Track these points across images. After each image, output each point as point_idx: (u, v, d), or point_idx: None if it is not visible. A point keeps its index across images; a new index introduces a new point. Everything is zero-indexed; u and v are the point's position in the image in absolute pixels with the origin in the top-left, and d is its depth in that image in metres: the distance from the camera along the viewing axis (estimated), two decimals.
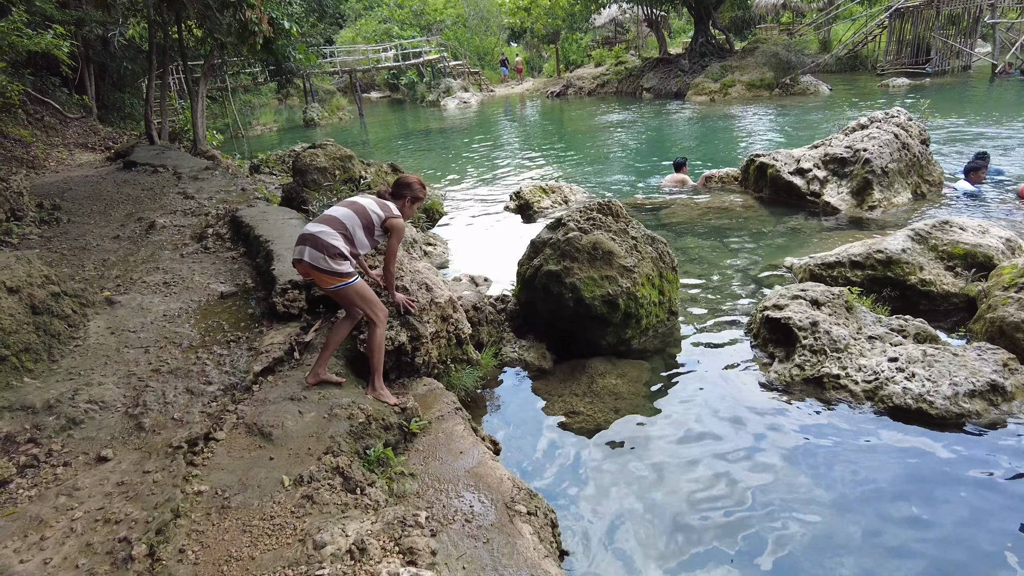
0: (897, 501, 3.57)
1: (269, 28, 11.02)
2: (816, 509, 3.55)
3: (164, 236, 6.87)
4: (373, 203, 3.81)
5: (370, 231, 3.76)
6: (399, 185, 4.00)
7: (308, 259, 3.56)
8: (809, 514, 3.51)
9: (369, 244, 3.81)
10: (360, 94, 28.98)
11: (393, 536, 2.51)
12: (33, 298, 4.07)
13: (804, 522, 3.46)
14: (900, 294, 5.77)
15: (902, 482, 3.71)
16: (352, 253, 3.68)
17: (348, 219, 3.69)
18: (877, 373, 4.50)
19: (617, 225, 5.47)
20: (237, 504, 2.74)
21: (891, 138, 8.62)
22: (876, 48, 23.99)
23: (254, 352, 4.10)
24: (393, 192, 4.00)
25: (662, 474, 3.95)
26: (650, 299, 5.30)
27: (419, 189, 4.01)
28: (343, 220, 3.68)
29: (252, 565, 2.40)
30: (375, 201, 3.84)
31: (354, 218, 3.70)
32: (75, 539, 2.52)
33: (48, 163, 12.28)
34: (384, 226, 3.80)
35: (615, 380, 4.92)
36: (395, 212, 3.82)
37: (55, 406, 3.40)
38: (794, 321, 4.94)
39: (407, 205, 3.98)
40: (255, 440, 3.25)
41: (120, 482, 2.86)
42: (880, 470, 3.82)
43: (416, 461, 3.49)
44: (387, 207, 3.82)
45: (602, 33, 35.17)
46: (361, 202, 3.80)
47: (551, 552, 3.01)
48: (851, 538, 3.33)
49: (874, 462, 3.89)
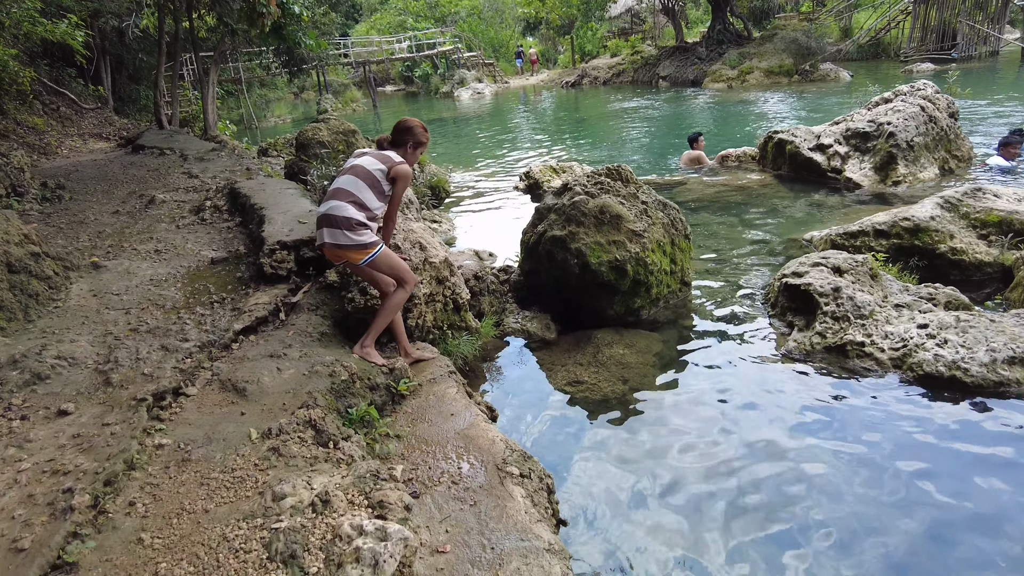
0: (929, 475, 3.23)
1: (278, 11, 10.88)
2: (839, 484, 3.22)
3: (163, 210, 6.70)
4: (373, 160, 3.56)
5: (377, 189, 3.51)
6: (398, 131, 3.70)
7: (329, 239, 3.40)
8: (832, 490, 3.19)
9: (381, 203, 3.56)
10: (374, 87, 28.89)
11: (363, 490, 2.26)
12: (9, 255, 3.89)
13: (826, 499, 3.13)
14: (928, 264, 5.40)
15: (933, 454, 3.38)
16: (369, 218, 3.47)
17: (353, 185, 3.46)
18: (905, 340, 4.16)
19: (627, 190, 5.18)
20: (198, 457, 2.51)
21: (917, 111, 8.21)
22: (899, 35, 23.33)
23: (237, 312, 3.88)
24: (393, 140, 3.71)
25: (672, 446, 3.65)
26: (661, 267, 5.00)
27: (421, 133, 3.71)
28: (348, 188, 3.46)
29: (204, 518, 2.16)
30: (374, 156, 3.58)
31: (357, 182, 3.47)
32: (17, 490, 2.30)
33: (60, 150, 12.26)
34: (389, 177, 3.54)
35: (623, 350, 4.63)
36: (398, 160, 3.56)
37: (20, 361, 3.20)
38: (815, 287, 4.61)
39: (409, 152, 3.68)
40: (228, 396, 3.02)
41: (76, 434, 2.65)
42: (909, 442, 3.48)
43: (403, 423, 3.24)
44: (388, 157, 3.56)
45: (618, 24, 34.69)
46: (360, 163, 3.56)
47: (545, 517, 2.74)
48: (878, 516, 3.01)
49: (903, 434, 3.55)
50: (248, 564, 1.94)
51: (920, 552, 2.79)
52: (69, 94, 14.52)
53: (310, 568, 1.87)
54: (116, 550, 2.05)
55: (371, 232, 3.47)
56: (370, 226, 3.48)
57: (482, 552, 2.39)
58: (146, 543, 2.07)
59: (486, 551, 2.40)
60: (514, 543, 2.45)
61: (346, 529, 1.94)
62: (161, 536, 2.11)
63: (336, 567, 1.85)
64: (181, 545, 2.06)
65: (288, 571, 1.87)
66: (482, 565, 2.34)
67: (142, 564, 1.99)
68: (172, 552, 2.03)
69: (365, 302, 3.82)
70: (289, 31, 12.33)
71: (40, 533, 2.07)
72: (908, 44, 22.13)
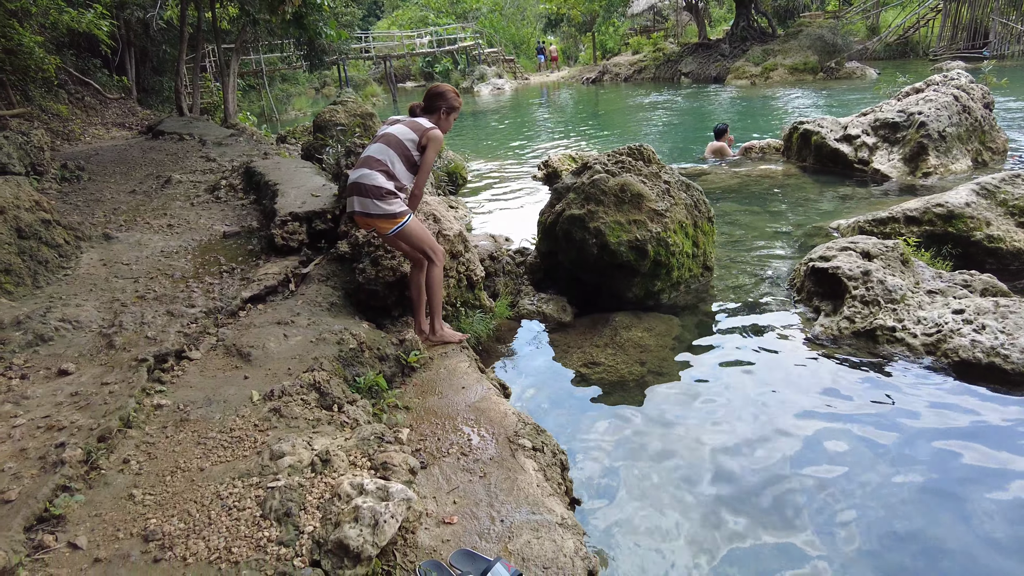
0: (965, 464, 3.03)
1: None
2: (867, 472, 3.04)
3: (178, 190, 6.67)
4: (404, 128, 3.44)
5: (408, 159, 3.41)
6: (431, 97, 3.58)
7: (359, 208, 3.33)
8: (859, 479, 3.00)
9: (411, 174, 3.46)
10: (394, 82, 28.91)
11: (366, 452, 2.14)
12: (19, 220, 3.84)
13: (853, 487, 2.94)
14: (963, 251, 5.17)
15: (969, 443, 3.17)
16: (398, 188, 3.38)
17: (383, 153, 3.37)
18: (940, 325, 3.95)
19: (648, 169, 5.02)
20: (196, 417, 2.41)
21: (950, 100, 7.93)
22: (928, 33, 22.80)
23: (246, 282, 3.79)
24: (426, 106, 3.58)
25: (692, 430, 3.48)
26: (682, 248, 4.83)
27: (453, 98, 3.59)
28: (378, 156, 3.36)
29: (199, 476, 2.06)
30: (406, 124, 3.46)
31: (387, 150, 3.37)
32: (10, 444, 2.21)
33: (83, 137, 12.36)
34: (420, 144, 3.42)
35: (641, 333, 4.47)
36: (429, 125, 3.43)
37: (24, 322, 3.13)
38: (843, 271, 4.41)
39: (443, 118, 3.56)
40: (232, 360, 2.92)
41: (74, 393, 2.56)
42: (943, 430, 3.28)
43: (412, 395, 3.12)
44: (419, 124, 3.44)
45: (640, 21, 34.37)
46: (391, 131, 3.45)
47: (558, 492, 2.60)
48: (910, 507, 2.82)
49: (936, 421, 3.35)
50: (240, 521, 1.83)
51: (954, 545, 2.60)
52: (94, 84, 14.65)
53: (305, 527, 1.75)
54: (105, 505, 1.95)
55: (400, 202, 3.36)
56: (399, 196, 3.38)
57: (491, 524, 2.27)
58: (137, 499, 1.97)
59: (495, 523, 2.27)
60: (524, 516, 2.32)
61: (346, 488, 1.82)
62: (153, 493, 2.00)
63: (333, 526, 1.73)
64: (173, 502, 1.95)
65: (282, 529, 1.76)
66: (490, 537, 2.21)
67: (131, 519, 1.89)
68: (163, 508, 1.93)
69: (376, 273, 3.71)
70: (310, 20, 12.32)
71: (28, 485, 1.98)
72: (938, 42, 21.62)
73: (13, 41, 10.38)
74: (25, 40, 10.47)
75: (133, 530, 1.85)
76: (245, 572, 1.65)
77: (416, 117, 3.53)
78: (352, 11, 18.64)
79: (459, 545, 2.14)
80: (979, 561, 2.51)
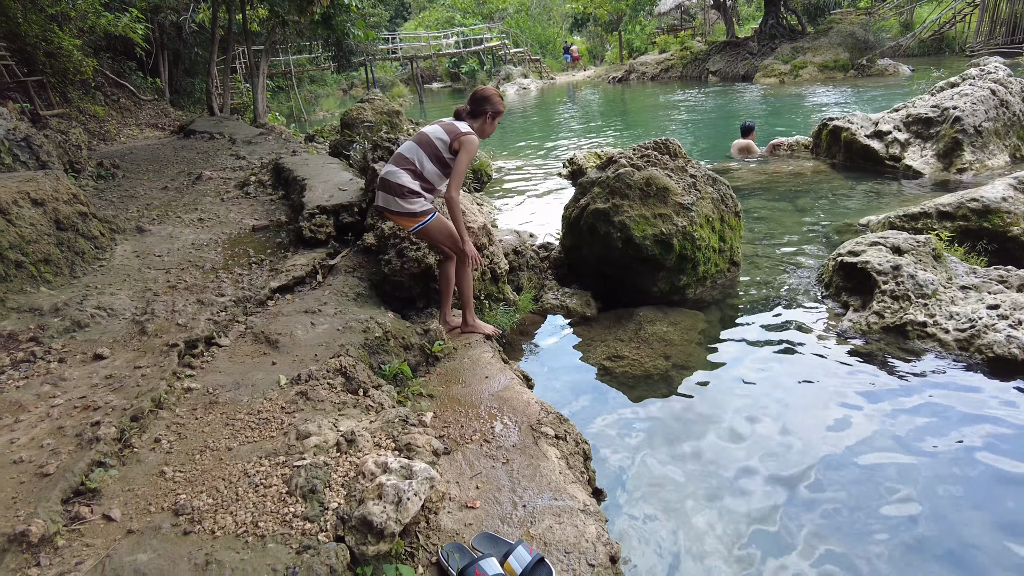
0: (998, 463, 2.95)
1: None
2: (899, 471, 2.96)
3: (209, 186, 6.82)
4: (439, 128, 3.43)
5: (438, 159, 3.40)
6: (475, 100, 3.54)
7: (382, 203, 3.39)
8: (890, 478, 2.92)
9: (441, 173, 3.44)
10: (421, 83, 29.11)
11: (391, 433, 2.16)
12: (58, 212, 3.96)
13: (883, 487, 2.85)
14: (999, 247, 5.03)
15: (1004, 441, 3.09)
16: (424, 188, 3.39)
17: (412, 152, 3.39)
18: (973, 321, 3.85)
19: (674, 163, 4.98)
20: (225, 400, 2.46)
21: (987, 94, 7.72)
22: (965, 28, 22.20)
23: (275, 272, 3.85)
24: (471, 110, 3.55)
25: (717, 425, 3.44)
26: (709, 243, 4.78)
27: (498, 101, 3.56)
28: (407, 155, 3.39)
29: (227, 455, 2.10)
30: (442, 126, 3.45)
31: (417, 149, 3.38)
32: (48, 423, 2.29)
33: (119, 138, 12.68)
34: (452, 147, 3.39)
35: (666, 328, 4.44)
36: (465, 130, 3.38)
37: (62, 309, 3.23)
38: (872, 265, 4.33)
39: (488, 122, 3.54)
40: (260, 347, 2.98)
41: (108, 375, 2.64)
42: (977, 428, 3.19)
43: (436, 384, 3.14)
44: (454, 128, 3.40)
45: (667, 20, 34.11)
46: (425, 130, 3.46)
47: (580, 480, 2.60)
48: (941, 505, 2.75)
49: (970, 419, 3.26)
50: (267, 498, 1.86)
51: (986, 548, 2.53)
52: (129, 86, 15.03)
53: (330, 503, 1.78)
54: (138, 480, 2.00)
55: (424, 200, 3.37)
56: (423, 195, 3.38)
57: (513, 509, 2.27)
58: (167, 476, 2.02)
59: (517, 508, 2.28)
60: (546, 502, 2.32)
61: (370, 466, 1.85)
62: (183, 470, 2.05)
63: (357, 503, 1.75)
64: (202, 479, 2.00)
65: (307, 505, 1.79)
66: (512, 522, 2.21)
67: (162, 494, 1.94)
68: (192, 485, 1.97)
69: (401, 265, 3.74)
70: (338, 21, 12.49)
71: (66, 460, 2.04)
72: (975, 38, 21.05)
73: (53, 44, 10.71)
74: (65, 43, 10.79)
75: (164, 504, 1.89)
76: (271, 545, 1.68)
77: (460, 120, 3.51)
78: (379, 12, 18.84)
79: (481, 529, 2.15)
80: (1012, 561, 2.45)
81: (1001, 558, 2.47)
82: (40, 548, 1.72)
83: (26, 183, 3.89)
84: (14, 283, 3.44)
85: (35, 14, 10.37)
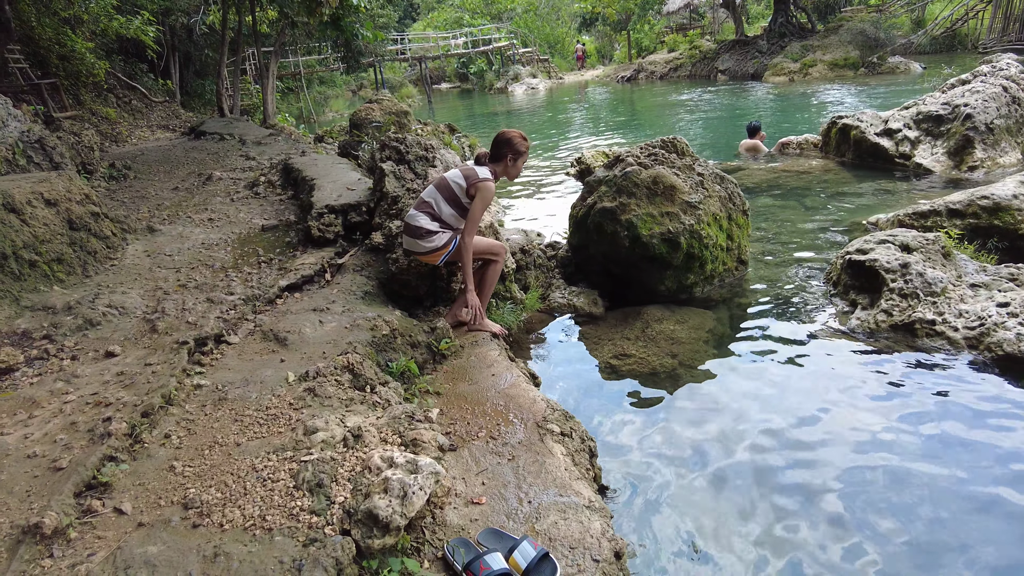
0: (1008, 462, 2.93)
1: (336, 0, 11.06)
2: (906, 471, 2.93)
3: (219, 187, 6.87)
4: (457, 173, 3.57)
5: (455, 202, 3.54)
6: (496, 144, 3.63)
7: (408, 247, 3.62)
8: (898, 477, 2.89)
9: (457, 215, 3.58)
10: (429, 84, 29.20)
11: (397, 429, 2.18)
12: (71, 212, 4.02)
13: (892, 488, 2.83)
14: (1009, 245, 5.00)
15: (1014, 439, 3.07)
16: (444, 227, 3.57)
17: (431, 195, 3.56)
18: (983, 319, 3.83)
19: (681, 161, 4.98)
20: (234, 397, 2.49)
21: (999, 91, 7.66)
22: (978, 25, 21.99)
23: (283, 271, 3.89)
24: (492, 155, 3.64)
25: (725, 423, 3.43)
26: (716, 241, 4.77)
27: (520, 143, 3.62)
28: (427, 198, 3.57)
29: (236, 451, 2.13)
30: (461, 170, 3.57)
31: (435, 193, 3.55)
32: (61, 418, 2.32)
33: (130, 139, 12.80)
34: (469, 193, 3.52)
35: (673, 326, 4.44)
36: (482, 176, 3.48)
37: (74, 308, 3.28)
38: (880, 263, 4.31)
39: (510, 165, 3.61)
40: (269, 345, 3.01)
41: (120, 372, 2.68)
42: (987, 426, 3.17)
43: (443, 381, 3.16)
44: (472, 173, 3.51)
45: (675, 20, 34.02)
46: (446, 175, 3.60)
47: (586, 477, 2.61)
48: (950, 506, 2.73)
49: (979, 417, 3.24)
50: (275, 492, 1.89)
51: (990, 547, 2.52)
52: (140, 88, 15.17)
53: (336, 497, 1.80)
54: (148, 475, 2.04)
55: (441, 234, 3.53)
56: (440, 231, 3.54)
57: (518, 505, 2.29)
58: (177, 470, 2.05)
59: (523, 504, 2.29)
60: (552, 498, 2.33)
61: (376, 461, 1.87)
62: (192, 465, 2.08)
63: (363, 497, 1.77)
64: (211, 474, 2.03)
65: (314, 499, 1.81)
66: (518, 517, 2.23)
67: (172, 488, 1.97)
68: (201, 479, 2.00)
69: (408, 263, 3.77)
70: (347, 22, 12.53)
71: (78, 455, 2.07)
72: (988, 34, 20.85)
73: (66, 47, 10.83)
74: (77, 46, 10.90)
75: (174, 498, 1.92)
76: (278, 538, 1.71)
77: (481, 165, 3.59)
78: (388, 13, 18.91)
79: (487, 524, 2.17)
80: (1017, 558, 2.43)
81: (1007, 556, 2.45)
82: (53, 540, 1.75)
83: (39, 184, 3.95)
84: (28, 282, 3.49)
85: (49, 18, 10.50)
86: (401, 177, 4.27)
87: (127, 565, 1.64)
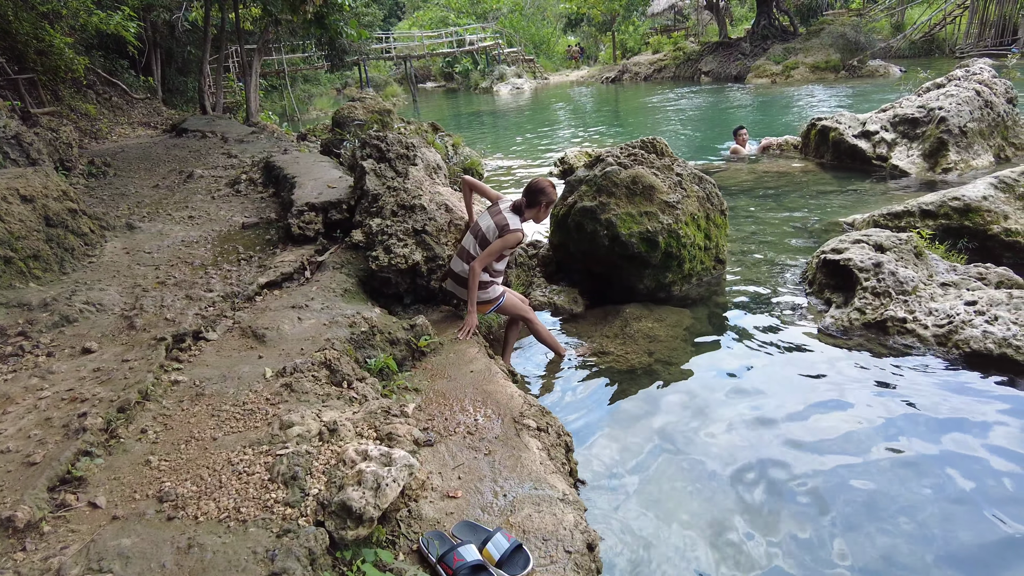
0: (976, 459, 3.01)
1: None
2: (875, 467, 3.00)
3: (200, 184, 6.83)
4: (489, 219, 3.74)
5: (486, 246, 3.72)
6: (530, 192, 3.78)
7: (458, 295, 3.85)
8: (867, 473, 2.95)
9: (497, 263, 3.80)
10: (415, 82, 29.14)
11: (373, 424, 2.21)
12: (47, 209, 3.99)
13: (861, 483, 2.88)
14: (979, 246, 5.12)
15: (981, 434, 3.15)
16: (490, 274, 3.76)
17: (468, 243, 3.77)
18: (951, 316, 3.93)
19: (661, 162, 5.04)
20: (211, 392, 2.50)
21: (972, 95, 7.82)
22: (955, 30, 22.38)
23: (263, 269, 3.89)
24: (528, 201, 3.78)
25: (699, 419, 3.49)
26: (694, 241, 4.84)
27: (551, 192, 3.81)
28: (467, 247, 3.76)
29: (212, 445, 2.14)
30: (493, 217, 3.73)
31: (472, 240, 3.75)
32: (36, 414, 2.32)
33: (110, 136, 12.65)
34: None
35: (651, 324, 4.50)
36: (514, 227, 3.65)
37: (50, 304, 3.26)
38: (855, 262, 4.40)
39: (542, 210, 3.82)
40: (247, 341, 3.02)
41: (96, 368, 2.67)
42: (953, 422, 3.26)
43: (422, 378, 3.19)
44: (504, 220, 3.67)
45: (660, 21, 34.26)
46: (479, 221, 3.79)
47: (561, 471, 2.65)
48: (918, 502, 2.79)
49: (945, 413, 3.32)
50: (250, 485, 1.90)
51: (959, 537, 2.59)
52: (121, 84, 14.98)
53: (311, 489, 1.83)
54: (124, 469, 2.04)
55: (494, 287, 3.78)
56: (493, 281, 3.77)
57: (493, 498, 2.32)
58: (153, 464, 2.06)
59: (498, 498, 2.33)
60: (527, 491, 2.37)
61: (350, 454, 1.89)
62: (168, 459, 2.09)
63: (337, 489, 1.80)
64: (187, 467, 2.04)
65: (288, 492, 1.83)
66: (493, 511, 2.26)
67: (147, 482, 1.98)
68: (177, 473, 2.01)
69: (389, 261, 3.79)
70: (331, 20, 12.49)
71: (52, 450, 2.08)
72: (965, 39, 21.23)
73: (44, 42, 10.67)
74: (56, 41, 10.75)
75: (149, 492, 1.94)
76: (252, 529, 1.73)
77: (517, 212, 3.76)
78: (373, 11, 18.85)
79: (462, 518, 2.20)
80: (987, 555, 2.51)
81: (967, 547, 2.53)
82: (26, 533, 1.76)
83: (15, 180, 3.92)
84: (3, 279, 3.47)
85: (26, 12, 10.34)
86: (382, 175, 4.28)
87: (100, 557, 1.65)
